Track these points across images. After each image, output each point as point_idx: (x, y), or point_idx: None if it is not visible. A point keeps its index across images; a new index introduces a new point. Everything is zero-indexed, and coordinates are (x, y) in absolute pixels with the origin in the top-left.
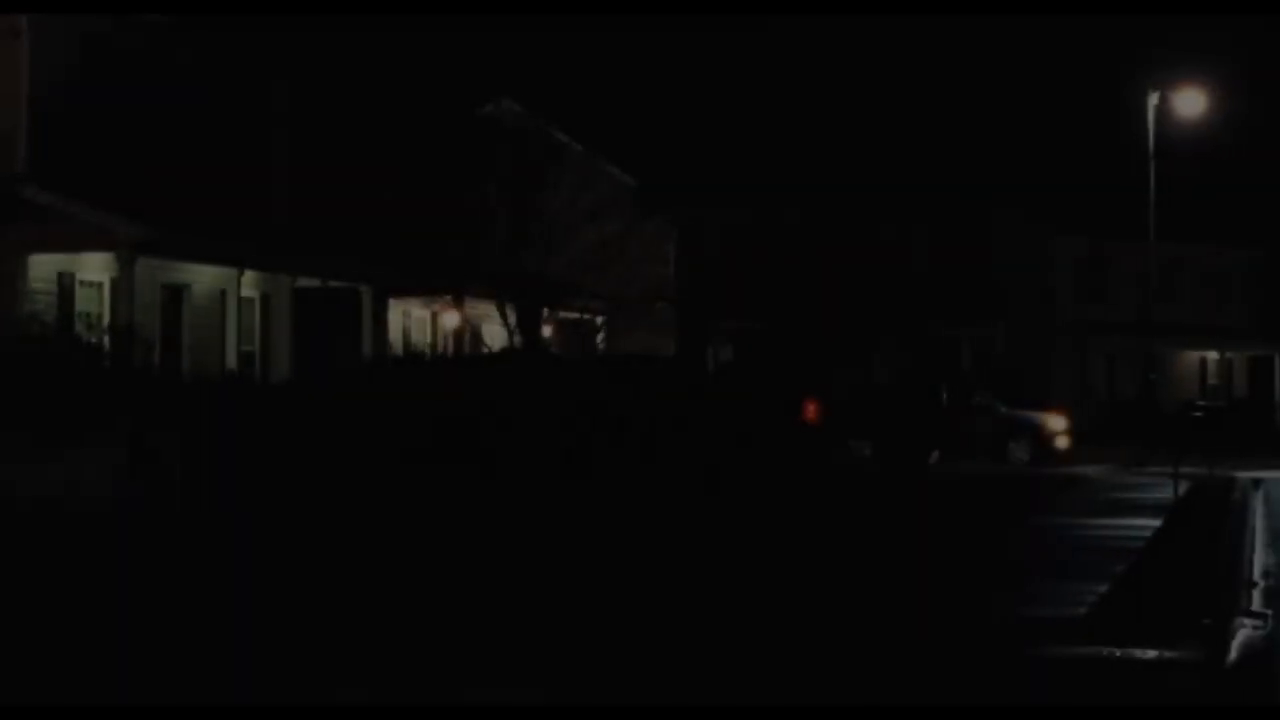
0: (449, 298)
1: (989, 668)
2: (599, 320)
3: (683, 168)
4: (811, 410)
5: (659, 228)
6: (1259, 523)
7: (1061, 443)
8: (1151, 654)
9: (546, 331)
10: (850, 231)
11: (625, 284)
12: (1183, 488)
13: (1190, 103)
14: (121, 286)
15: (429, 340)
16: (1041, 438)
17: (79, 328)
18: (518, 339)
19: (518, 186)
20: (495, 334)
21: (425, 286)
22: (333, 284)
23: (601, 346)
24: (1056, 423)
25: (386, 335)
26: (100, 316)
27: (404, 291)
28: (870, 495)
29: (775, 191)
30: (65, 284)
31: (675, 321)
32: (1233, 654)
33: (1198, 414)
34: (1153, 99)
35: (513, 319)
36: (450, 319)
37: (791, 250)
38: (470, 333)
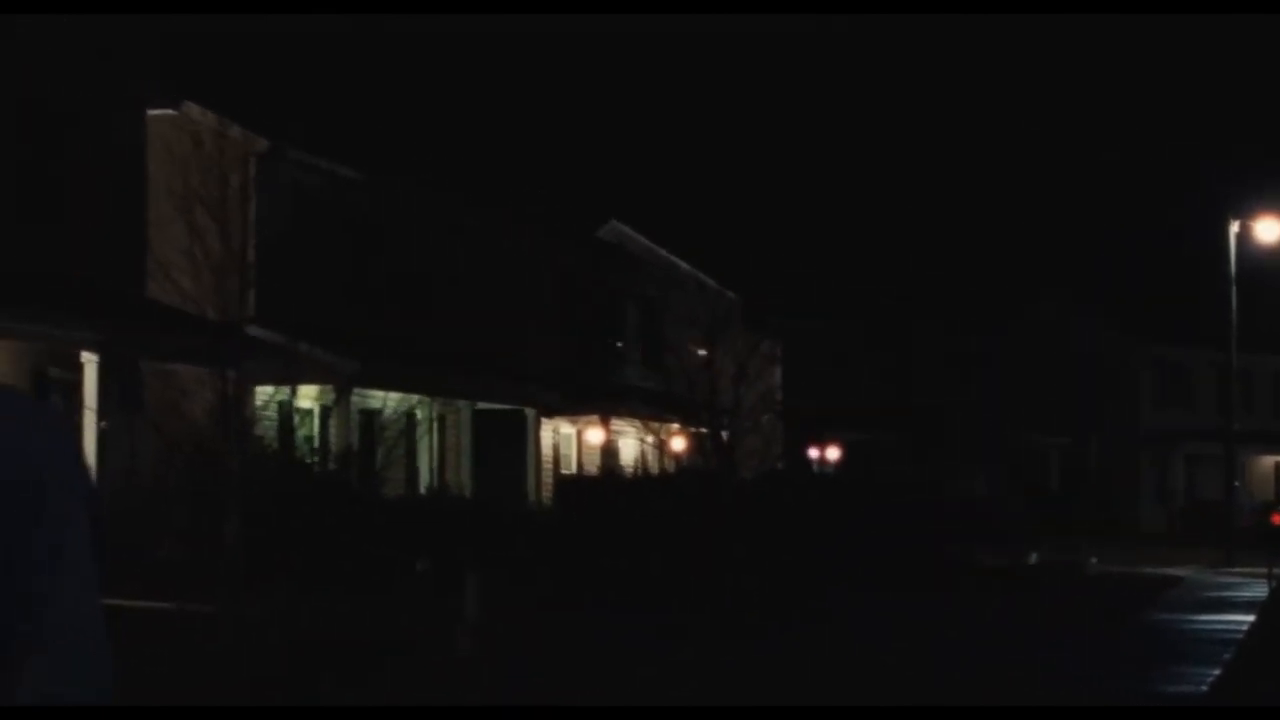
0: (595, 417)
1: None
2: (724, 434)
3: (784, 284)
4: None
5: (766, 343)
6: None
7: None
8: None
9: (680, 446)
10: (938, 341)
11: (737, 398)
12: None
13: (1269, 229)
14: (338, 414)
15: (575, 454)
16: None
17: (300, 450)
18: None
19: (643, 310)
20: (631, 448)
21: (576, 408)
22: (502, 407)
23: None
24: None
25: (540, 451)
26: (313, 440)
27: (552, 411)
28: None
29: (869, 305)
30: (284, 411)
31: (783, 431)
32: None
33: None
34: (1233, 226)
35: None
36: (595, 436)
37: (886, 360)
38: (612, 448)
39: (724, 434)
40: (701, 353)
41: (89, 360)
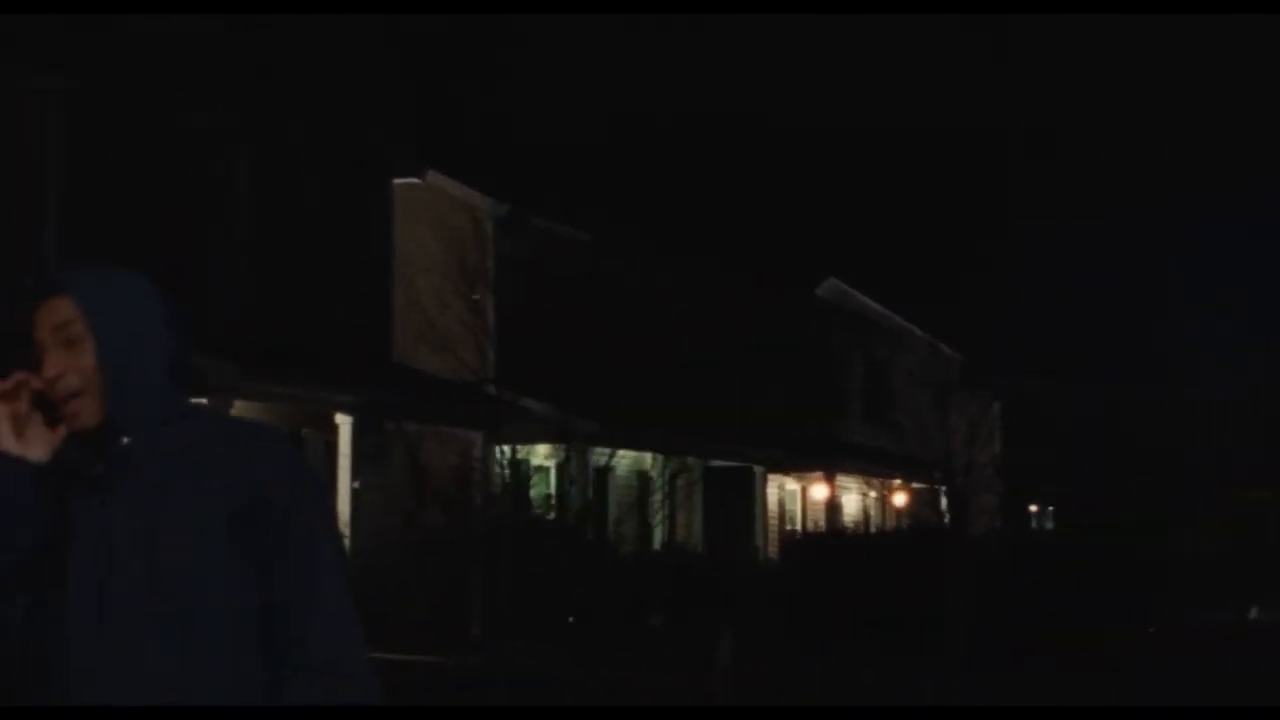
0: (820, 473)
1: None
2: (941, 489)
3: (1003, 341)
4: None
5: (985, 400)
6: None
7: None
8: None
9: (902, 501)
10: (1151, 397)
11: (970, 458)
12: None
13: None
14: (576, 472)
15: (800, 510)
16: None
17: (538, 507)
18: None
19: (867, 368)
20: (853, 503)
21: (801, 465)
22: (731, 464)
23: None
24: None
25: (767, 507)
26: (549, 497)
27: (780, 468)
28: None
29: (1085, 360)
30: (523, 469)
31: (1003, 488)
32: None
33: None
34: None
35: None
36: (820, 492)
37: (1101, 415)
38: (835, 503)
39: (957, 492)
40: (934, 413)
41: (343, 422)
